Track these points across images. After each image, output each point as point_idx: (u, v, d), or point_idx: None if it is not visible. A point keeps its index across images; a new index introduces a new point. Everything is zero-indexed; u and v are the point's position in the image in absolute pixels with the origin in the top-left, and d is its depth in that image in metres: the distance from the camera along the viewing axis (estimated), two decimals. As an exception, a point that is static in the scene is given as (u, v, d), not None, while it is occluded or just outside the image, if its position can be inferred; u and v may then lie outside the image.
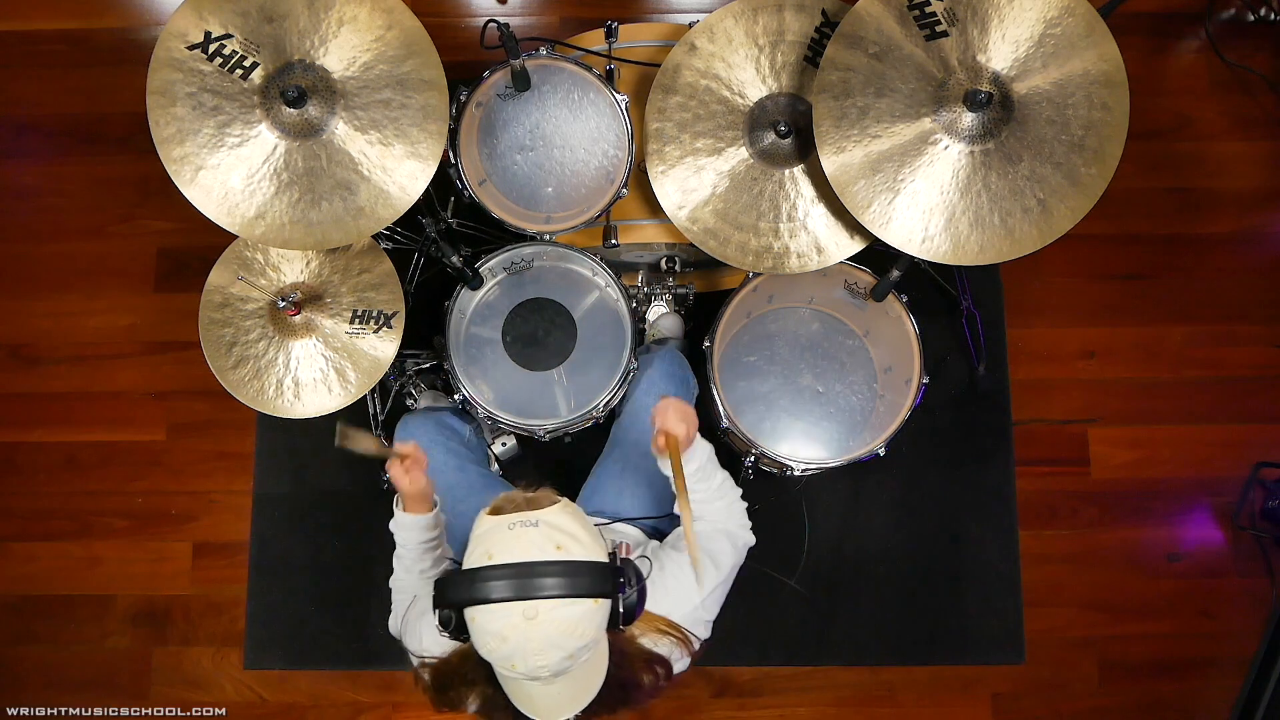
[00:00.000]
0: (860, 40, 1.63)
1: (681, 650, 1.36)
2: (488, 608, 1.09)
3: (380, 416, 2.35)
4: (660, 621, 1.34)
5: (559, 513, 1.16)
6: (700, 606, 1.41)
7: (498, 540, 1.13)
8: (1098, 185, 1.61)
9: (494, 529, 1.15)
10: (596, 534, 1.19)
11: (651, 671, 1.29)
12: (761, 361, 2.19)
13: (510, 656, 1.11)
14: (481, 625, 1.11)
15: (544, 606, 1.08)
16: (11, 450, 2.57)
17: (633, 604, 1.17)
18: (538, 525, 1.13)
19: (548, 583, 1.08)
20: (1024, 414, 2.54)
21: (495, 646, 1.11)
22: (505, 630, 1.09)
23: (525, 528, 1.13)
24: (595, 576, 1.11)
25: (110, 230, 2.66)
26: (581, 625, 1.11)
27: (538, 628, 1.08)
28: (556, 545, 1.12)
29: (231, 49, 1.63)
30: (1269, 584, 2.48)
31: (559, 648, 1.10)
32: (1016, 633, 2.44)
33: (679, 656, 1.35)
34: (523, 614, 1.08)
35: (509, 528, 1.13)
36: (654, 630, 1.32)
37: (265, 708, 2.45)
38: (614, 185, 1.94)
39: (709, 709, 2.43)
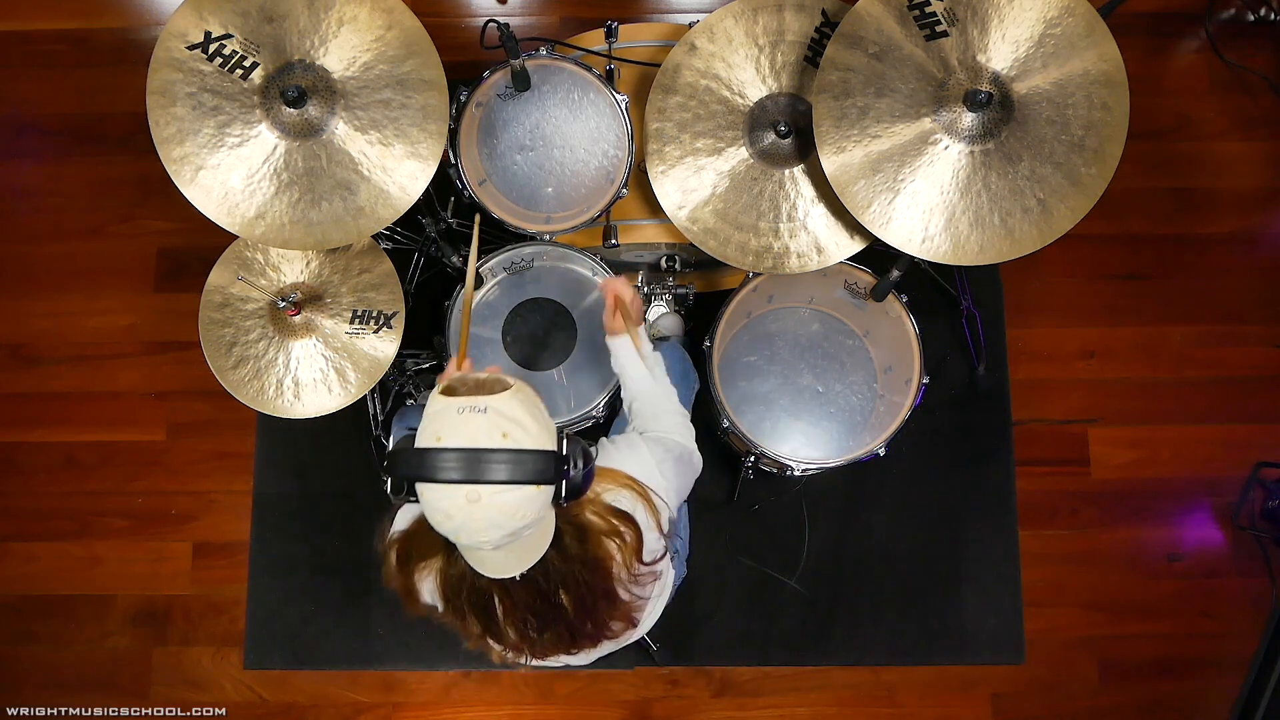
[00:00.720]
0: (860, 40, 1.63)
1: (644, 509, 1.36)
2: (434, 486, 1.13)
3: (380, 416, 2.35)
4: (618, 475, 1.36)
5: (509, 399, 1.18)
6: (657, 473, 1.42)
7: (447, 423, 1.16)
8: (1098, 185, 1.61)
9: (444, 410, 1.17)
10: (546, 420, 1.21)
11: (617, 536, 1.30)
12: (761, 361, 2.19)
13: (455, 531, 1.15)
14: (429, 501, 1.15)
15: (486, 491, 1.11)
16: (11, 450, 2.57)
17: (578, 484, 1.20)
18: (486, 411, 1.15)
19: (490, 469, 1.11)
20: (1024, 414, 2.54)
21: (441, 521, 1.15)
22: (450, 509, 1.13)
23: (474, 413, 1.15)
24: (538, 463, 1.14)
25: (110, 230, 2.66)
26: (523, 508, 1.14)
27: (480, 509, 1.12)
28: (503, 433, 1.14)
29: (231, 49, 1.63)
30: (1269, 584, 2.48)
31: (500, 527, 1.13)
32: (1016, 633, 2.44)
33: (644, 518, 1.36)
34: (465, 497, 1.11)
35: (458, 411, 1.16)
36: (612, 482, 1.35)
37: (265, 708, 2.45)
38: (614, 185, 1.94)
39: (709, 709, 2.43)
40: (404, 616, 2.36)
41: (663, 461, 1.45)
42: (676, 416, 1.62)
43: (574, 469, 1.18)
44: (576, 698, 2.43)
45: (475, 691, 2.44)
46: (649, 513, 1.37)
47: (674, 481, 1.46)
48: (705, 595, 2.41)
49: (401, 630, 2.42)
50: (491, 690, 2.44)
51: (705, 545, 2.36)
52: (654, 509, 1.38)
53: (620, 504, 1.33)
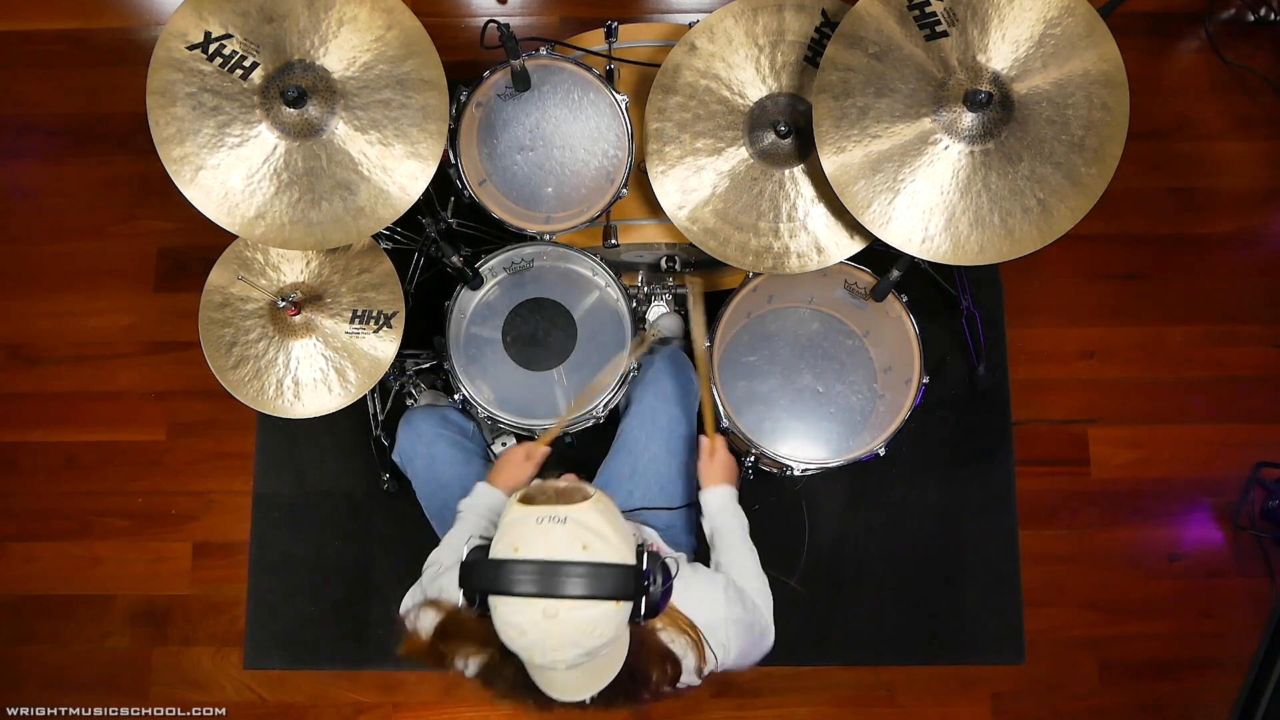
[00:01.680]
0: (860, 40, 1.63)
1: (694, 657, 1.34)
2: (509, 599, 1.10)
3: (380, 416, 2.35)
4: (681, 618, 1.33)
5: (589, 509, 1.15)
6: (722, 622, 1.39)
7: (524, 533, 1.13)
8: (1098, 185, 1.61)
9: (522, 520, 1.14)
10: (626, 533, 1.18)
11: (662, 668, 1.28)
12: (761, 361, 2.19)
13: (529, 649, 1.11)
14: (503, 615, 1.12)
15: (564, 606, 1.08)
16: (11, 450, 2.57)
17: (656, 600, 1.17)
18: (566, 522, 1.12)
19: (570, 583, 1.08)
20: (1024, 414, 2.54)
21: (514, 637, 1.12)
22: (525, 625, 1.09)
23: (553, 524, 1.12)
24: (619, 579, 1.11)
25: (110, 230, 2.66)
26: (601, 625, 1.11)
27: (557, 625, 1.08)
28: (583, 545, 1.11)
29: (231, 49, 1.63)
30: (1269, 584, 2.48)
31: (577, 645, 1.10)
32: (1016, 633, 2.44)
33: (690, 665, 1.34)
34: (543, 612, 1.08)
35: (537, 521, 1.13)
36: (674, 626, 1.31)
37: (265, 708, 2.45)
38: (614, 185, 1.94)
39: (709, 709, 2.43)
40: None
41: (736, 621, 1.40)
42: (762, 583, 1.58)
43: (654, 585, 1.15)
44: (576, 698, 2.43)
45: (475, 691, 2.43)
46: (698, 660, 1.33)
47: (736, 645, 1.41)
48: (705, 595, 2.41)
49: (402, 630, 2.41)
50: (491, 690, 2.44)
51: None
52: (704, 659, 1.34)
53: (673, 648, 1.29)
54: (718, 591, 1.41)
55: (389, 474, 2.40)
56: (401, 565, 2.41)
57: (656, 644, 1.28)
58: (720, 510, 1.72)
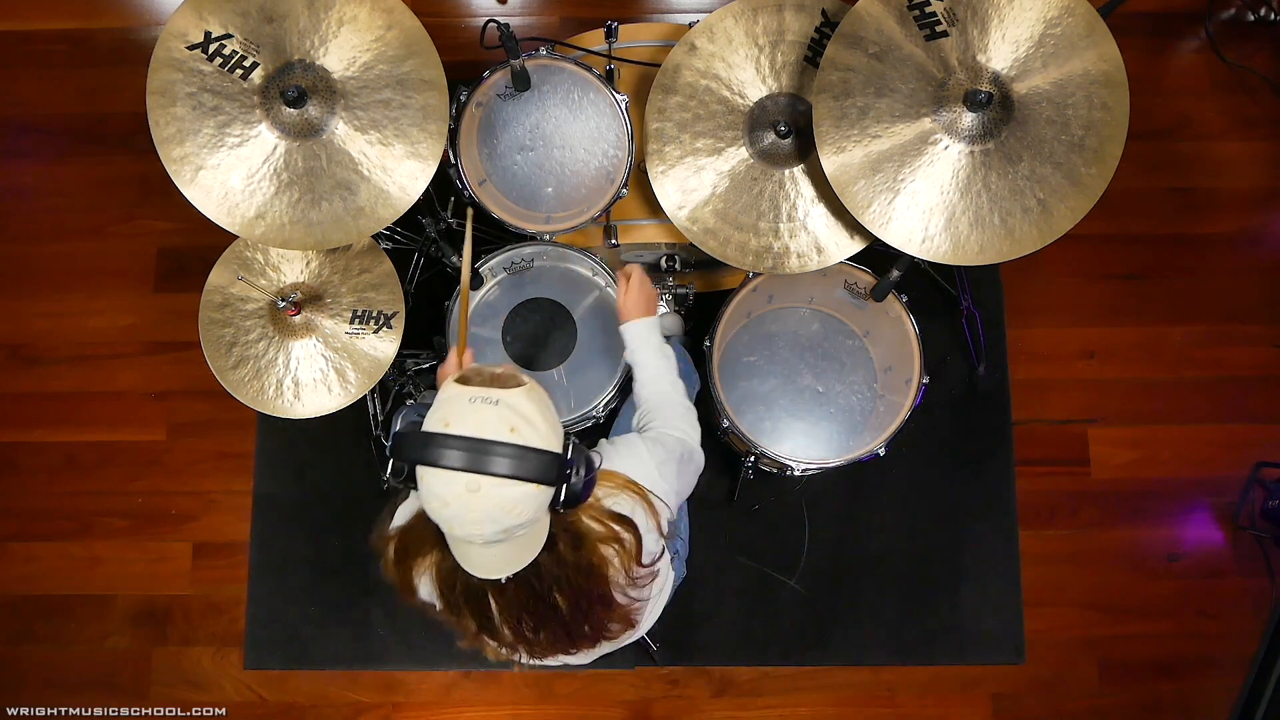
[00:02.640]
0: (860, 40, 1.63)
1: (644, 511, 1.36)
2: (436, 471, 1.13)
3: (380, 416, 2.35)
4: (617, 477, 1.36)
5: (521, 395, 1.18)
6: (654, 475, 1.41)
7: (457, 410, 1.16)
8: (1098, 185, 1.61)
9: (455, 398, 1.17)
10: (556, 422, 1.21)
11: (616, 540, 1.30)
12: (761, 361, 2.19)
13: (450, 520, 1.15)
14: (428, 485, 1.15)
15: (486, 482, 1.11)
16: (11, 450, 2.57)
17: (578, 491, 1.20)
18: (497, 404, 1.15)
19: (494, 462, 1.11)
20: (1024, 414, 2.54)
21: (437, 508, 1.15)
22: (448, 496, 1.13)
23: (485, 404, 1.16)
24: (542, 464, 1.14)
25: (110, 230, 2.66)
26: (520, 505, 1.14)
27: (478, 500, 1.11)
28: (511, 427, 1.14)
29: (231, 49, 1.63)
30: (1269, 584, 2.48)
31: (495, 521, 1.13)
32: (1016, 633, 2.44)
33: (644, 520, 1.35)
34: (465, 485, 1.11)
35: (469, 400, 1.16)
36: (611, 484, 1.34)
37: (265, 708, 2.45)
38: (614, 185, 1.94)
39: (709, 709, 2.43)
40: (404, 616, 2.40)
41: (664, 463, 1.44)
42: (683, 411, 1.61)
43: (576, 475, 1.18)
44: (576, 698, 2.43)
45: (475, 691, 2.44)
46: (648, 515, 1.37)
47: (674, 483, 1.46)
48: (705, 595, 2.41)
49: (401, 630, 2.42)
50: (491, 690, 2.44)
51: (705, 545, 2.36)
52: (653, 511, 1.37)
53: (619, 507, 1.33)
54: (638, 449, 1.44)
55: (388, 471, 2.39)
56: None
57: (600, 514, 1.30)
58: (641, 345, 1.67)
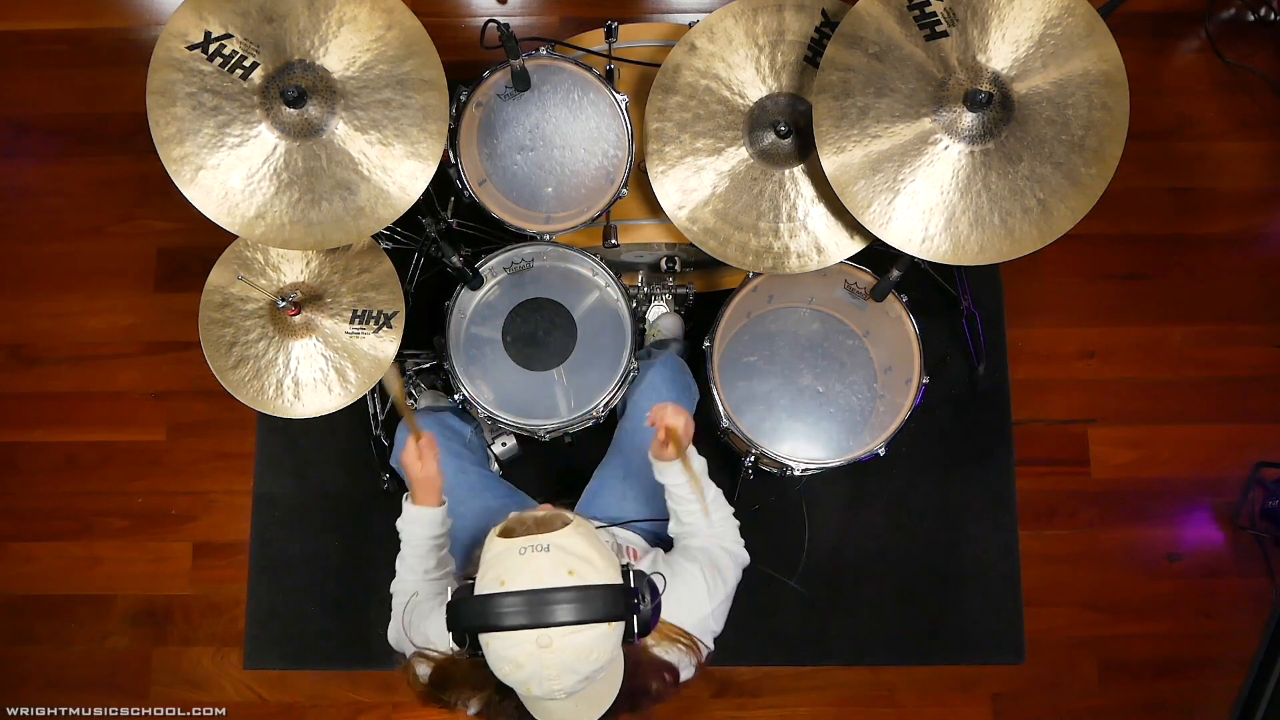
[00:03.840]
0: (860, 40, 1.63)
1: (690, 658, 1.35)
2: (501, 635, 1.09)
3: (380, 416, 2.35)
4: (671, 629, 1.33)
5: (570, 534, 1.15)
6: (710, 617, 1.41)
7: (509, 565, 1.12)
8: (1098, 185, 1.61)
9: (505, 553, 1.14)
10: (609, 553, 1.18)
11: (660, 679, 1.28)
12: (761, 361, 2.19)
13: (526, 681, 1.11)
14: (496, 651, 1.11)
15: (557, 634, 1.08)
16: (11, 450, 2.57)
17: (647, 619, 1.17)
18: (549, 550, 1.12)
19: (560, 610, 1.07)
20: (1024, 414, 2.54)
21: (510, 672, 1.11)
22: (520, 658, 1.09)
23: (537, 552, 1.12)
24: (608, 600, 1.11)
25: (110, 230, 2.66)
26: (596, 649, 1.10)
27: (553, 654, 1.08)
28: (569, 570, 1.11)
29: (231, 49, 1.63)
30: (1269, 584, 2.48)
31: (574, 672, 1.10)
32: (1016, 633, 2.44)
33: (688, 664, 1.35)
34: (536, 642, 1.08)
35: (520, 552, 1.13)
36: (665, 638, 1.32)
37: (265, 708, 2.45)
38: (614, 185, 1.94)
39: (709, 709, 2.43)
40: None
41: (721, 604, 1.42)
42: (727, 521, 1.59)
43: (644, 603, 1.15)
44: (576, 698, 2.43)
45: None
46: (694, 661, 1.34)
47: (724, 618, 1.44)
48: (705, 595, 2.41)
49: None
50: (491, 690, 2.44)
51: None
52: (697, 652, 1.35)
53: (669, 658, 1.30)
54: (698, 584, 1.42)
55: (389, 474, 2.40)
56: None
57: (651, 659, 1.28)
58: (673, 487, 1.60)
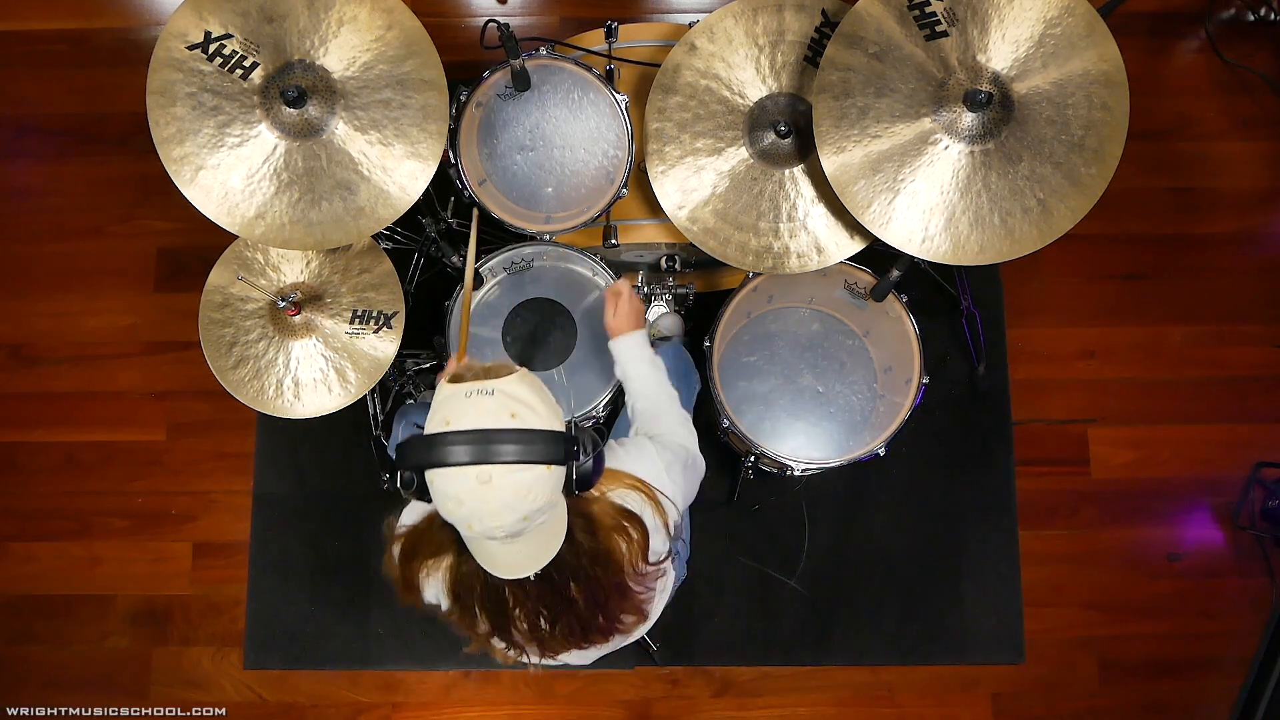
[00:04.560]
0: (860, 40, 1.63)
1: (651, 510, 1.37)
2: (445, 471, 1.13)
3: (380, 416, 2.35)
4: (625, 477, 1.37)
5: (515, 382, 1.19)
6: (664, 474, 1.43)
7: (455, 407, 1.16)
8: (1098, 185, 1.61)
9: (452, 396, 1.18)
10: (554, 404, 1.22)
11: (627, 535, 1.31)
12: (761, 361, 2.19)
13: (468, 518, 1.14)
14: (440, 488, 1.15)
15: (497, 471, 1.11)
16: (11, 450, 2.57)
17: (588, 471, 1.20)
18: (493, 394, 1.16)
19: (501, 449, 1.12)
20: (1024, 414, 2.54)
21: (453, 508, 1.15)
22: (461, 493, 1.13)
23: (481, 395, 1.16)
24: (548, 444, 1.14)
25: (110, 230, 2.66)
26: (534, 490, 1.14)
27: (492, 491, 1.11)
28: (511, 413, 1.15)
29: (231, 49, 1.63)
30: (1269, 584, 2.48)
31: (513, 510, 1.13)
32: (1016, 633, 2.44)
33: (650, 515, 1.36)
34: (477, 478, 1.11)
35: (466, 395, 1.17)
36: (620, 484, 1.35)
37: (265, 708, 2.45)
38: (614, 185, 1.94)
39: (709, 709, 2.43)
40: (404, 616, 2.39)
41: (670, 465, 1.45)
42: (679, 420, 1.62)
43: (584, 454, 1.19)
44: (576, 697, 2.43)
45: (475, 691, 2.44)
46: (656, 514, 1.37)
47: (681, 485, 1.47)
48: (705, 595, 2.41)
49: (401, 630, 2.42)
50: (491, 690, 2.44)
51: (705, 545, 2.36)
52: (661, 510, 1.38)
53: (628, 504, 1.34)
54: (646, 450, 1.45)
55: (389, 474, 2.40)
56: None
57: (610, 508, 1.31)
58: (632, 359, 1.68)
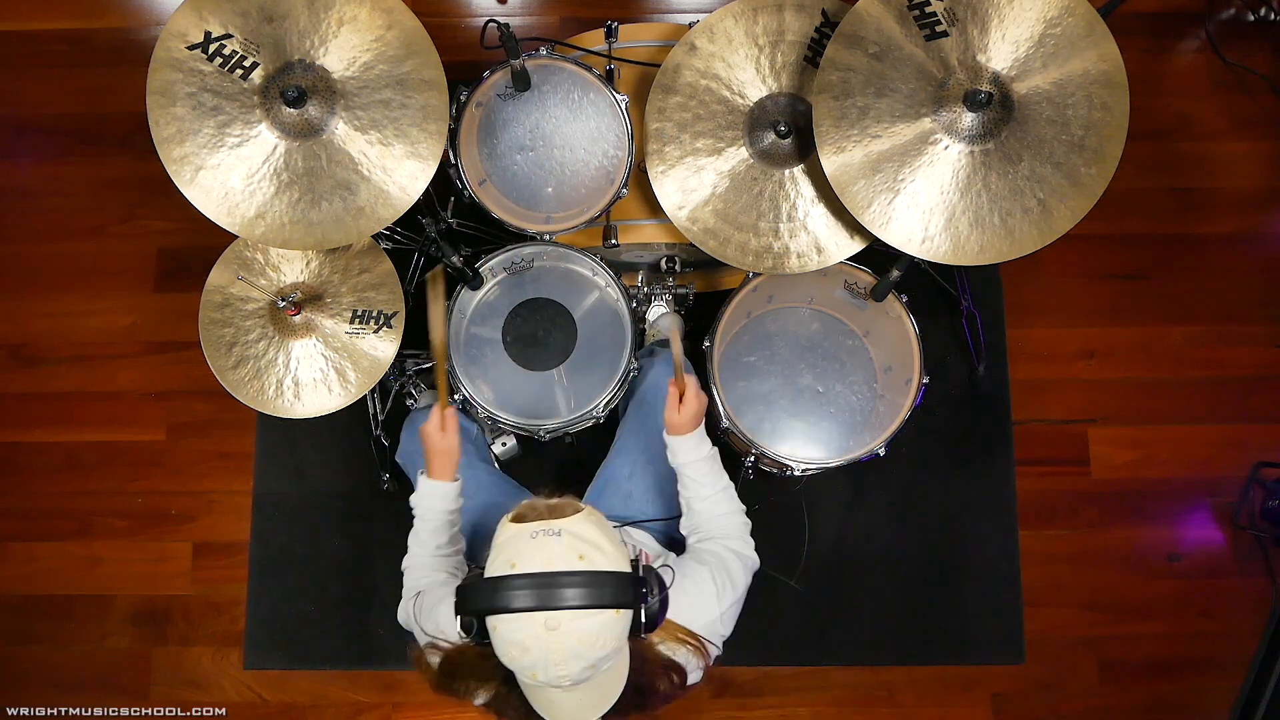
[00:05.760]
0: (860, 40, 1.63)
1: (698, 659, 1.35)
2: (509, 617, 1.10)
3: (380, 416, 2.35)
4: (679, 630, 1.33)
5: (582, 521, 1.16)
6: (719, 620, 1.41)
7: (520, 549, 1.13)
8: (1098, 185, 1.61)
9: (517, 537, 1.15)
10: (619, 543, 1.19)
11: (668, 679, 1.29)
12: (761, 361, 2.19)
13: (532, 666, 1.11)
14: (503, 634, 1.11)
15: (565, 617, 1.08)
16: (11, 450, 2.57)
17: (655, 612, 1.17)
18: (560, 535, 1.13)
19: (570, 593, 1.08)
20: (1024, 414, 2.54)
21: (517, 656, 1.11)
22: (527, 640, 1.09)
23: (548, 536, 1.13)
24: (617, 587, 1.11)
25: (110, 230, 2.66)
26: (603, 636, 1.11)
27: (559, 638, 1.08)
28: (579, 555, 1.12)
29: (231, 49, 1.63)
30: (1269, 584, 2.48)
31: (580, 658, 1.10)
32: (1016, 633, 2.44)
33: (695, 666, 1.35)
34: (544, 624, 1.08)
35: (532, 536, 1.13)
36: (673, 638, 1.32)
37: (265, 708, 2.45)
38: (614, 185, 1.94)
39: (709, 709, 2.43)
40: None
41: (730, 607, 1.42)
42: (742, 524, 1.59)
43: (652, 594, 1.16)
44: (576, 698, 2.43)
45: (476, 694, 2.44)
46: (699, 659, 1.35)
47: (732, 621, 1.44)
48: (705, 595, 2.41)
49: (401, 630, 2.41)
50: (491, 690, 2.44)
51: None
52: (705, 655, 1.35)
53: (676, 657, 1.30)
54: (707, 587, 1.42)
55: (389, 474, 2.40)
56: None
57: (658, 656, 1.28)
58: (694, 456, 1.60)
